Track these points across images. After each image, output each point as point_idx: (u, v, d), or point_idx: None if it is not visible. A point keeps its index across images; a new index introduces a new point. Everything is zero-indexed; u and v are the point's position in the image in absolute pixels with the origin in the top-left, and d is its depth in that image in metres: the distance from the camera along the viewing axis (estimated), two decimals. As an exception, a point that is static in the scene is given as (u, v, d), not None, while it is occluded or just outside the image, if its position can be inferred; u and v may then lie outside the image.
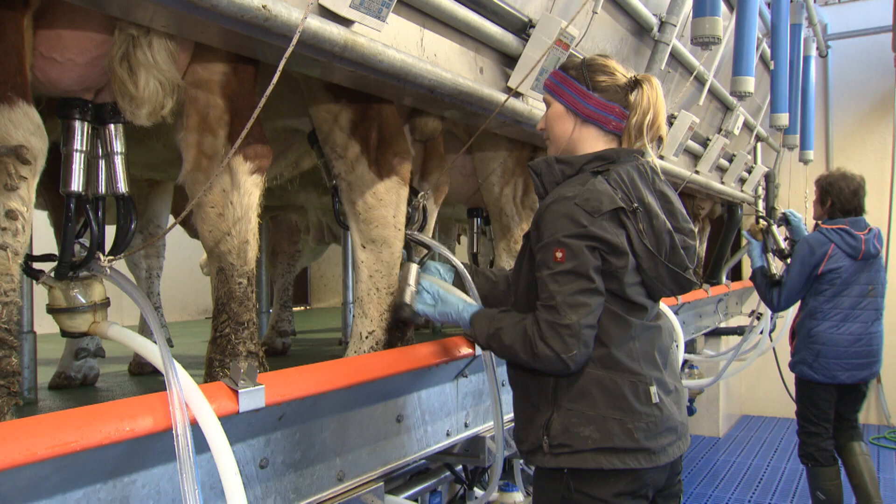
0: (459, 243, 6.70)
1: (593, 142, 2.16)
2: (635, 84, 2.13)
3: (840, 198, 4.91)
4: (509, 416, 2.95)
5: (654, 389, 2.03)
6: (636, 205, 2.02)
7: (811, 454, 4.87)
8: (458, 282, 2.46)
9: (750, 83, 4.44)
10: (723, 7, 3.74)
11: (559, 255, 1.96)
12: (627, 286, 2.02)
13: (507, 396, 3.02)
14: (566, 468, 2.01)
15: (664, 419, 2.05)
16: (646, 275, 2.04)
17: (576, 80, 2.16)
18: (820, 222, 5.05)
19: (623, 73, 2.15)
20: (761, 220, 5.42)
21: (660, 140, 2.20)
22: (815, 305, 4.85)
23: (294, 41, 1.57)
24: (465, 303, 2.27)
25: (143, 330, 3.14)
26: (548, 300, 1.97)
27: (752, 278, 5.20)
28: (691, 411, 6.53)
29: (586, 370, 2.01)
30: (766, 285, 5.03)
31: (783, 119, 5.65)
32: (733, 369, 6.34)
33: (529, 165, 2.19)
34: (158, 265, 3.47)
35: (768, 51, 5.76)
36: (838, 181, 4.97)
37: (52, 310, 1.89)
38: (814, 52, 7.73)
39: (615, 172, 2.06)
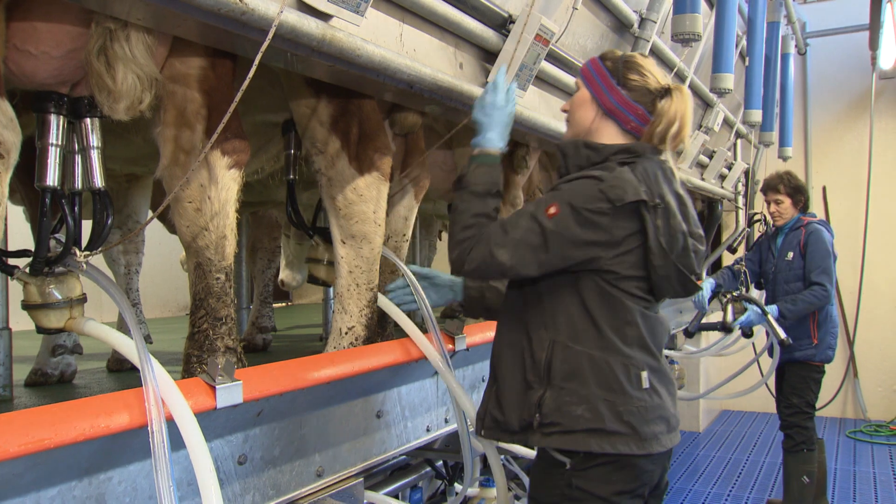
0: (441, 239, 6.70)
1: (610, 137, 2.18)
2: (666, 92, 2.15)
3: (806, 195, 5.24)
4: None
5: (645, 375, 2.04)
6: (658, 200, 2.03)
7: (810, 438, 5.09)
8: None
9: (729, 80, 4.48)
10: (703, 4, 3.77)
11: (553, 210, 2.00)
12: (619, 278, 2.03)
13: (478, 395, 3.04)
14: (557, 449, 2.01)
15: (655, 407, 2.04)
16: (655, 272, 2.05)
17: (609, 72, 2.18)
18: (803, 217, 5.25)
19: (657, 78, 2.17)
20: (730, 301, 5.17)
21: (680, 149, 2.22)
22: (833, 293, 5.15)
23: (270, 35, 1.56)
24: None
25: (122, 326, 3.12)
26: (509, 227, 2.03)
27: (787, 315, 4.94)
28: (672, 406, 6.55)
29: (581, 349, 2.02)
30: (800, 296, 4.99)
31: (756, 115, 5.70)
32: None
33: (557, 145, 2.23)
34: (137, 261, 3.44)
35: (747, 47, 5.80)
36: (797, 180, 5.28)
37: (28, 306, 1.87)
38: (792, 50, 7.80)
39: (641, 166, 2.08)
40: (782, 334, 4.79)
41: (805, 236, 5.15)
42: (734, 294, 5.05)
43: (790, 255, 5.20)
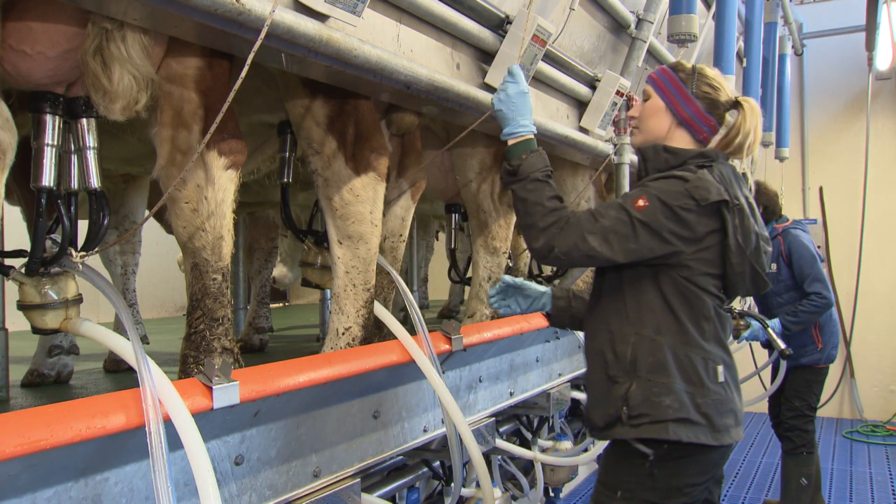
0: (438, 239, 6.71)
1: (683, 146, 2.29)
2: (735, 105, 2.30)
3: (770, 202, 5.26)
4: (476, 416, 2.96)
5: (721, 369, 2.17)
6: (736, 201, 2.15)
7: (811, 441, 5.14)
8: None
9: (731, 82, 4.48)
10: (699, 5, 3.77)
11: (641, 203, 2.12)
12: (697, 274, 2.15)
13: (475, 395, 3.04)
14: (644, 439, 2.10)
15: (728, 400, 2.17)
16: (732, 269, 2.16)
17: (683, 84, 2.30)
18: (776, 224, 5.26)
19: (726, 92, 2.31)
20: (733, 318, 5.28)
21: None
22: (832, 297, 5.13)
23: (262, 34, 1.56)
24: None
25: (119, 327, 3.11)
26: (598, 216, 2.13)
27: (791, 327, 5.01)
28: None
29: (664, 343, 2.14)
30: (800, 307, 5.00)
31: None
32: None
33: (639, 149, 2.35)
34: (134, 261, 3.44)
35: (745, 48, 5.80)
36: (761, 187, 5.35)
37: (23, 306, 1.86)
38: (789, 51, 7.81)
39: (717, 170, 2.21)
40: (782, 345, 4.81)
41: (786, 245, 5.15)
42: (736, 311, 5.06)
43: (773, 266, 5.18)
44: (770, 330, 4.85)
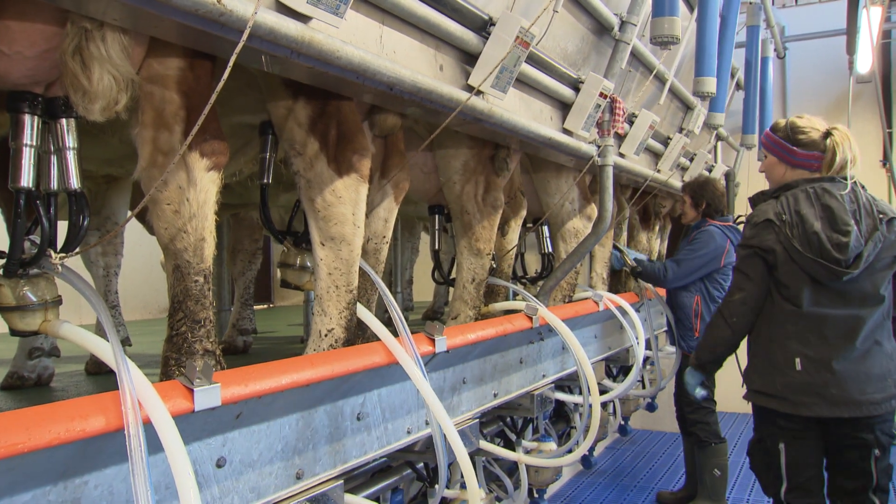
0: (420, 239, 6.70)
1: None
2: (828, 134, 3.15)
3: (713, 199, 5.29)
4: (460, 418, 2.97)
5: (797, 360, 3.07)
6: (785, 216, 3.06)
7: (716, 432, 5.37)
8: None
9: (712, 83, 4.51)
10: (682, 7, 3.79)
11: (741, 253, 3.26)
12: (784, 287, 3.12)
13: (459, 397, 3.04)
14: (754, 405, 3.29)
15: (806, 384, 3.06)
16: (797, 264, 3.05)
17: (784, 140, 3.23)
18: (710, 220, 5.34)
19: (817, 129, 3.18)
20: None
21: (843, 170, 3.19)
22: (717, 295, 5.28)
23: (245, 35, 1.55)
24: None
25: (100, 329, 3.08)
26: (739, 268, 3.25)
27: (636, 273, 5.32)
28: (652, 408, 6.59)
29: (760, 340, 3.23)
30: (650, 264, 5.30)
31: (719, 118, 5.81)
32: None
33: (750, 199, 3.41)
34: (116, 263, 3.42)
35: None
36: (709, 185, 5.38)
37: (1, 308, 1.85)
38: (772, 54, 7.87)
39: (785, 196, 3.14)
40: (630, 259, 5.27)
41: (696, 234, 5.32)
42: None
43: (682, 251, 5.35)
44: (624, 254, 5.26)
